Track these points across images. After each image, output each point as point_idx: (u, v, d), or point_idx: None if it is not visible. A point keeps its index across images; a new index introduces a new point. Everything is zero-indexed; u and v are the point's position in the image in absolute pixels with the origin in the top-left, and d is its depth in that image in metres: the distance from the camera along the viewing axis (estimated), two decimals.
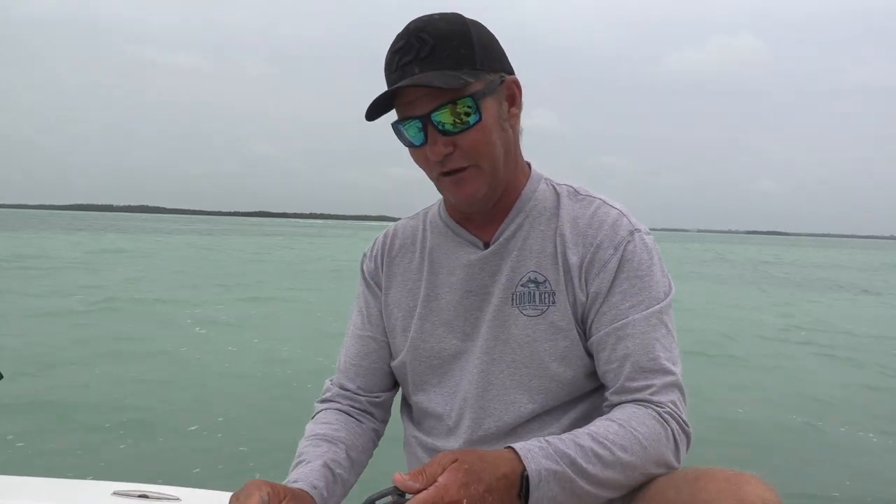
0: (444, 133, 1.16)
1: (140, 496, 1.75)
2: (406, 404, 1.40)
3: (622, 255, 1.20)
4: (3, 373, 2.19)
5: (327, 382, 1.41)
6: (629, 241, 1.21)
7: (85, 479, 1.88)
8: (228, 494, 1.80)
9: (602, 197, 1.29)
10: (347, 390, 1.37)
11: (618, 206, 1.26)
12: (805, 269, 35.63)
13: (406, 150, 1.23)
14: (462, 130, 1.16)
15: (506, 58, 1.22)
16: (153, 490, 1.78)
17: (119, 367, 7.52)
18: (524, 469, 1.01)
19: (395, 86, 1.14)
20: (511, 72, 1.23)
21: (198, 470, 4.15)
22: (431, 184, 1.37)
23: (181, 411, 5.89)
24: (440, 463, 0.99)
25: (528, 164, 1.33)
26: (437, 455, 1.02)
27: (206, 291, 15.21)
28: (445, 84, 1.11)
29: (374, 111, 1.17)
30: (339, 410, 1.34)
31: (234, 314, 11.87)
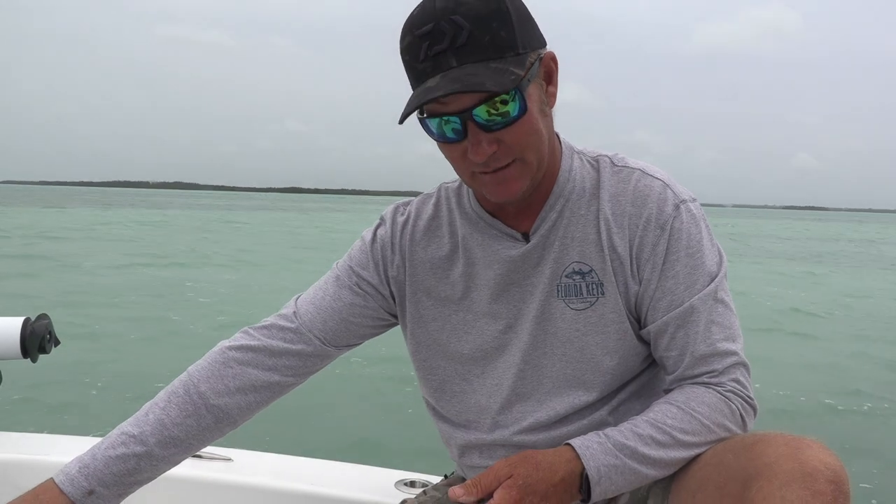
0: (488, 130, 1.03)
1: (193, 456, 1.82)
2: (442, 399, 1.28)
3: (670, 234, 1.12)
4: (60, 339, 2.28)
5: (292, 303, 1.28)
6: (676, 217, 1.13)
7: None
8: (279, 456, 1.87)
9: (640, 166, 1.19)
10: (307, 329, 1.23)
11: (659, 176, 1.17)
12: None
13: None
14: (507, 125, 1.03)
15: (538, 29, 1.09)
16: (206, 450, 1.85)
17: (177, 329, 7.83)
18: (583, 468, 1.01)
19: (438, 92, 0.98)
20: (545, 44, 1.09)
21: (248, 433, 4.32)
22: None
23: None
24: (496, 476, 0.99)
25: (558, 136, 1.20)
26: (494, 464, 1.02)
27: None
28: (499, 86, 0.98)
29: (410, 110, 1.02)
30: (266, 339, 1.22)
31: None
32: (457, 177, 1.27)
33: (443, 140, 1.08)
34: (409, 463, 1.07)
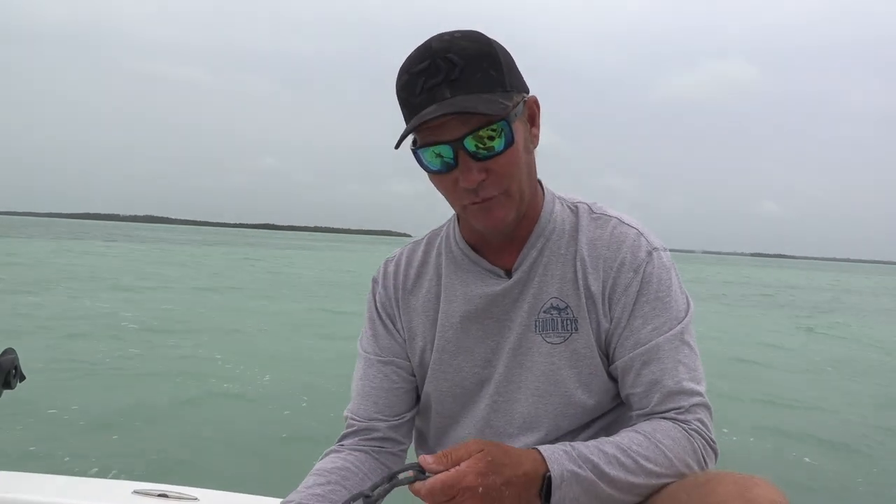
0: (477, 159, 1.10)
1: (160, 495, 1.80)
2: (425, 433, 1.35)
3: (642, 278, 1.18)
4: (25, 374, 2.24)
5: (346, 413, 1.33)
6: (648, 262, 1.19)
7: (105, 478, 1.92)
8: (246, 496, 1.85)
9: (617, 215, 1.26)
10: (365, 418, 1.29)
11: (634, 225, 1.24)
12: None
13: (414, 166, 1.16)
14: (495, 155, 1.10)
15: (522, 76, 1.18)
16: (173, 490, 1.82)
17: (145, 371, 7.77)
18: (547, 470, 1.03)
19: (434, 114, 1.06)
20: (528, 90, 1.18)
21: (216, 472, 4.38)
22: (434, 202, 1.30)
23: (203, 416, 6.18)
24: (466, 448, 1.01)
25: (540, 182, 1.28)
26: (467, 441, 1.04)
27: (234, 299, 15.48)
28: (490, 110, 1.05)
29: (407, 133, 1.10)
30: (351, 450, 1.27)
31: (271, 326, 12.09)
32: (443, 223, 1.35)
33: (435, 170, 1.14)
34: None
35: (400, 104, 1.14)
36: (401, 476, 1.00)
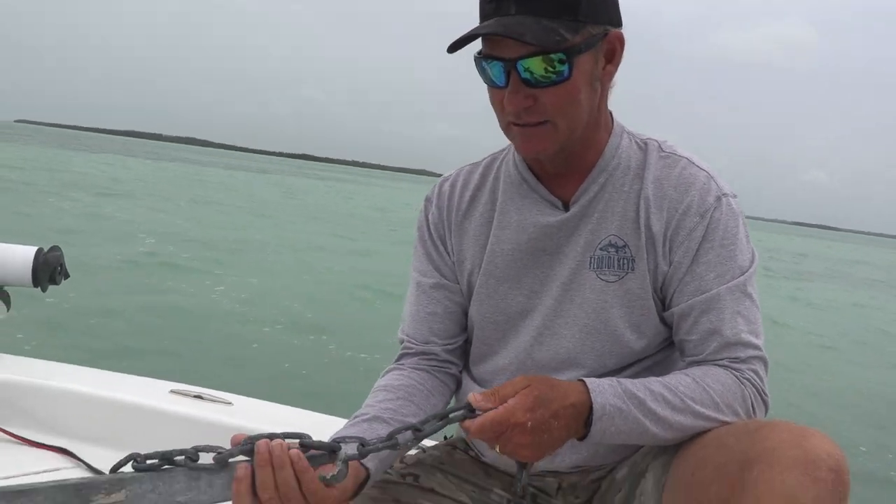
0: (528, 84, 1.07)
1: (195, 396, 1.85)
2: (469, 359, 1.33)
3: (709, 223, 1.14)
4: (69, 272, 2.31)
5: (401, 335, 1.33)
6: (716, 208, 1.15)
7: (145, 376, 1.99)
8: (278, 405, 1.90)
9: (688, 156, 1.21)
10: (421, 342, 1.29)
11: (705, 168, 1.19)
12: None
13: (456, 107, 1.15)
14: (547, 85, 1.06)
15: (616, 8, 1.12)
16: (208, 393, 1.88)
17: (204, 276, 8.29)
18: (591, 402, 1.03)
19: (485, 31, 1.06)
20: (619, 24, 1.12)
21: (250, 382, 4.66)
22: (472, 146, 1.29)
23: (237, 329, 6.56)
24: (513, 385, 1.02)
25: (611, 115, 1.23)
26: (513, 379, 1.05)
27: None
28: (537, 41, 1.02)
29: (460, 41, 1.08)
30: (412, 368, 1.27)
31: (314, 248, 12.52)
32: (505, 147, 1.31)
33: (490, 83, 1.12)
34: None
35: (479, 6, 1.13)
36: (451, 415, 1.02)
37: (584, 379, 1.06)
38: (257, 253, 11.65)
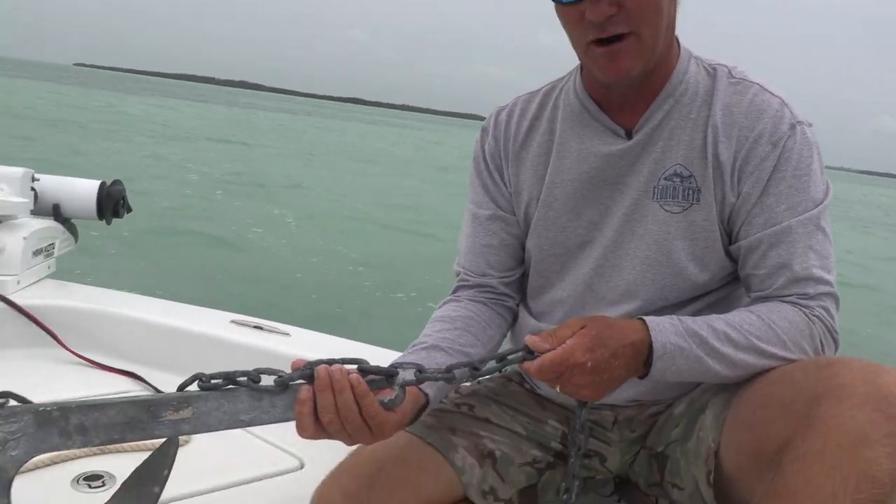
0: None
1: (255, 327, 1.90)
2: (526, 292, 1.31)
3: (781, 153, 1.08)
4: (132, 206, 2.37)
5: (457, 267, 1.32)
6: (790, 136, 1.09)
7: (207, 307, 2.05)
8: (334, 338, 1.94)
9: (760, 81, 1.14)
10: (477, 274, 1.28)
11: (778, 94, 1.12)
12: None
13: (505, 49, 1.09)
14: None
15: None
16: (267, 324, 1.93)
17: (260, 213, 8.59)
18: (651, 340, 1.01)
19: None
20: None
21: (307, 315, 4.84)
22: (522, 90, 1.24)
23: (296, 265, 6.82)
24: (570, 326, 1.00)
25: (677, 39, 1.17)
26: (569, 319, 1.03)
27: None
28: None
29: None
30: (468, 300, 1.26)
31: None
32: (564, 74, 1.26)
33: (562, 0, 1.07)
34: None
35: None
36: (510, 356, 1.02)
37: (644, 317, 1.04)
38: (312, 193, 11.88)
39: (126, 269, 5.65)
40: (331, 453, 1.19)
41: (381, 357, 1.70)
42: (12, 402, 0.93)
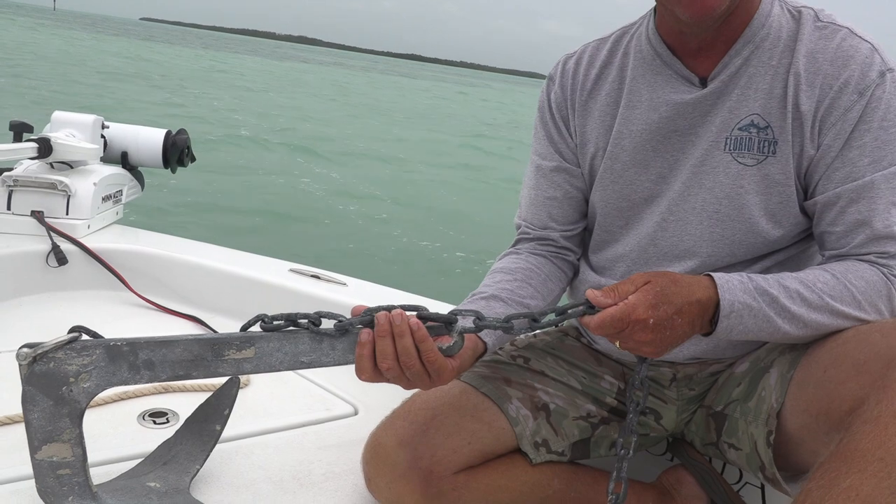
0: None
1: (313, 276, 1.93)
2: (588, 247, 1.29)
3: (868, 102, 1.02)
4: (196, 156, 2.42)
5: (518, 220, 1.31)
6: (878, 85, 1.02)
7: (266, 256, 2.09)
8: (388, 289, 1.95)
9: (848, 25, 1.07)
10: (539, 227, 1.27)
11: (869, 39, 1.06)
12: None
13: (571, 9, 1.04)
14: None
15: None
16: (324, 273, 1.95)
17: (315, 167, 8.83)
18: (719, 298, 0.98)
19: None
20: None
21: (364, 267, 4.92)
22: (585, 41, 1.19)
23: (361, 221, 6.92)
24: (634, 282, 0.98)
25: None
26: (632, 275, 1.00)
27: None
28: None
29: None
30: (529, 252, 1.25)
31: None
32: (636, 20, 1.21)
33: None
34: None
35: None
36: (570, 310, 0.99)
37: (712, 273, 1.00)
38: (370, 147, 11.97)
39: (190, 217, 5.85)
40: (385, 400, 1.21)
41: (438, 309, 1.71)
42: (85, 337, 0.96)
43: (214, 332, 1.78)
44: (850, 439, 0.85)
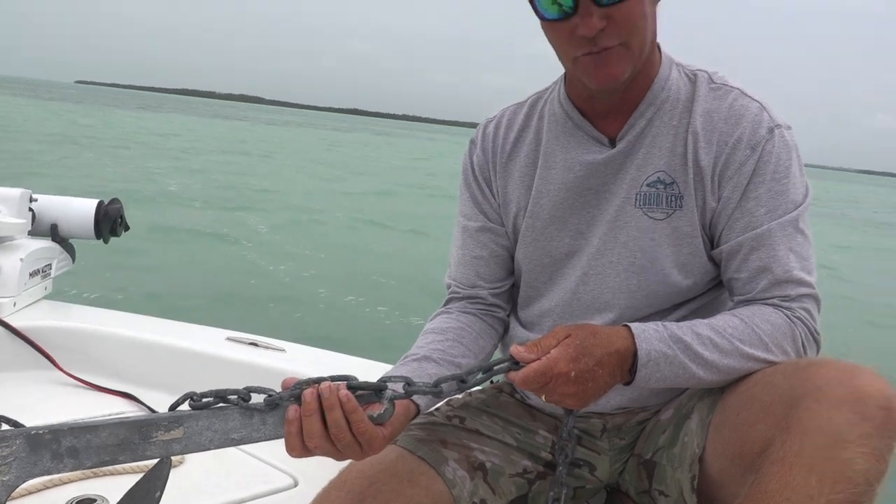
0: (600, 5, 1.03)
1: (250, 344, 1.91)
2: (517, 303, 1.33)
3: (760, 156, 1.10)
4: (129, 225, 2.38)
5: (448, 280, 1.34)
6: (768, 140, 1.10)
7: (203, 325, 2.06)
8: (328, 352, 1.95)
9: (739, 86, 1.16)
10: (468, 286, 1.30)
11: (757, 99, 1.15)
12: None
13: (505, 56, 1.11)
14: (620, 1, 1.03)
15: None
16: (262, 340, 1.94)
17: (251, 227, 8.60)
18: (636, 348, 1.02)
19: None
20: None
21: (302, 331, 4.86)
22: (521, 96, 1.25)
23: (295, 281, 6.77)
24: (555, 335, 1.01)
25: (658, 46, 1.19)
26: (554, 329, 1.03)
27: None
28: None
29: None
30: (459, 312, 1.28)
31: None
32: (549, 85, 1.28)
33: (555, 16, 1.07)
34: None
35: None
36: (495, 367, 1.02)
37: (629, 324, 1.05)
38: (303, 207, 11.85)
39: (123, 288, 5.65)
40: (325, 470, 1.20)
41: (373, 370, 1.72)
42: (4, 426, 0.94)
43: (149, 408, 1.75)
44: (760, 481, 0.90)
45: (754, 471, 0.93)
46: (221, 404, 0.97)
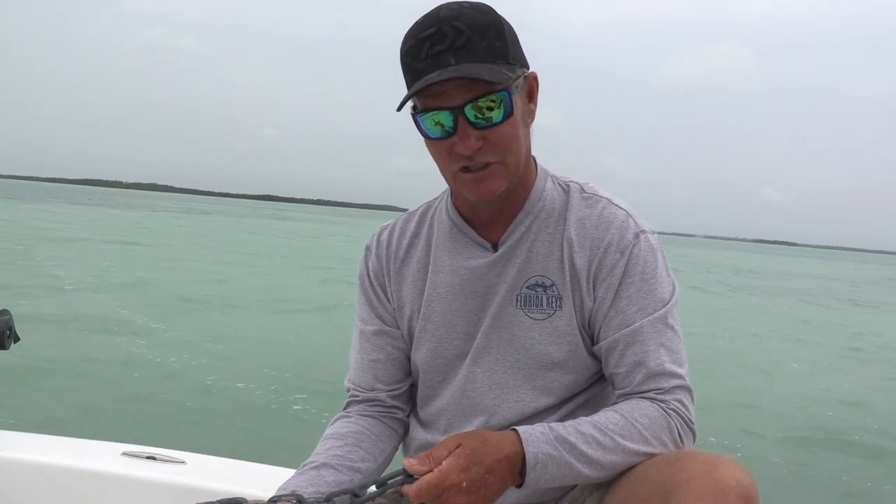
0: (476, 126, 1.11)
1: (148, 458, 1.83)
2: (415, 404, 1.37)
3: (628, 259, 1.20)
4: (20, 336, 2.27)
5: (347, 384, 1.38)
6: (635, 245, 1.20)
7: (95, 439, 1.96)
8: (232, 461, 1.89)
9: (607, 196, 1.27)
10: (366, 389, 1.33)
11: (624, 207, 1.25)
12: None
13: (418, 140, 1.19)
14: (494, 125, 1.11)
15: (523, 51, 1.19)
16: (161, 453, 1.86)
17: (146, 324, 8.16)
18: (525, 452, 1.06)
19: (439, 78, 1.07)
20: (528, 66, 1.19)
21: (203, 437, 4.59)
22: (435, 175, 1.32)
23: (187, 383, 6.35)
24: (447, 446, 1.05)
25: (534, 159, 1.29)
26: (445, 438, 1.08)
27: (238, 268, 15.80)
28: (494, 78, 1.08)
29: (403, 101, 1.13)
30: (359, 415, 1.31)
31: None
32: (439, 194, 1.37)
33: (435, 136, 1.15)
34: None
35: (403, 69, 1.15)
36: (389, 482, 1.05)
37: (517, 428, 1.09)
38: (203, 305, 11.05)
39: (7, 404, 5.13)
40: None
41: (279, 476, 1.68)
42: None
43: None
44: None
45: None
46: None
